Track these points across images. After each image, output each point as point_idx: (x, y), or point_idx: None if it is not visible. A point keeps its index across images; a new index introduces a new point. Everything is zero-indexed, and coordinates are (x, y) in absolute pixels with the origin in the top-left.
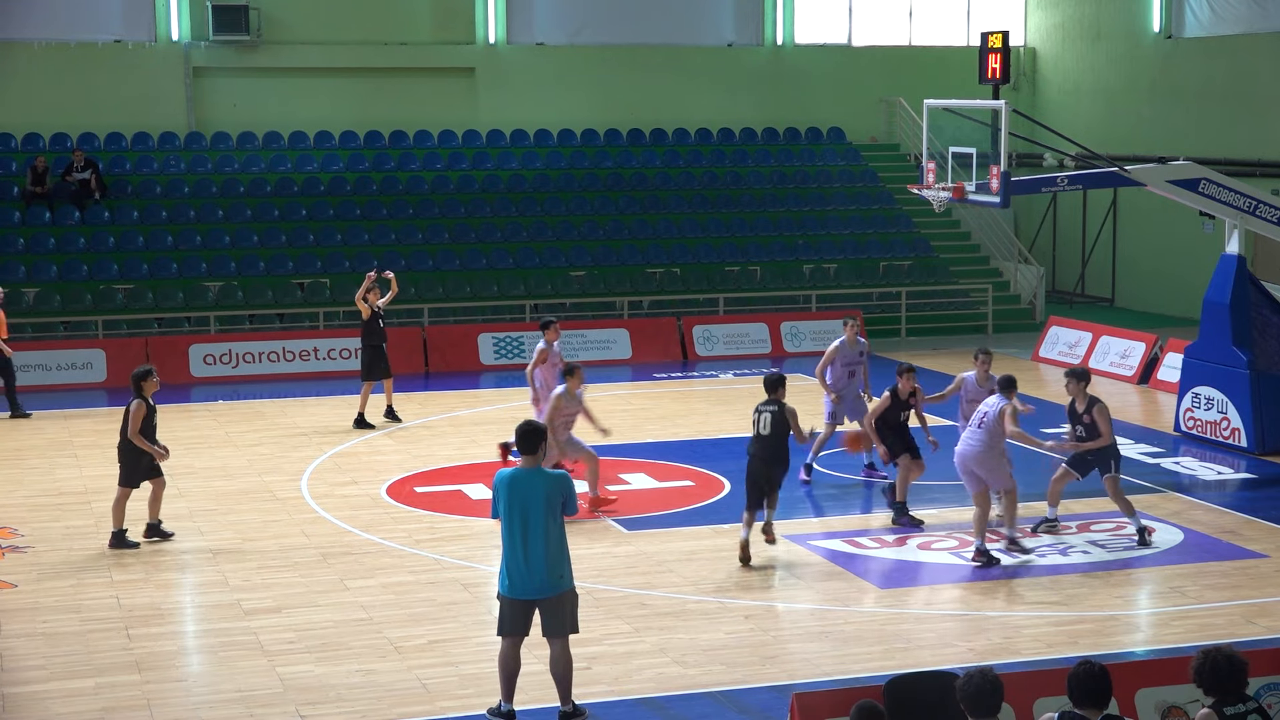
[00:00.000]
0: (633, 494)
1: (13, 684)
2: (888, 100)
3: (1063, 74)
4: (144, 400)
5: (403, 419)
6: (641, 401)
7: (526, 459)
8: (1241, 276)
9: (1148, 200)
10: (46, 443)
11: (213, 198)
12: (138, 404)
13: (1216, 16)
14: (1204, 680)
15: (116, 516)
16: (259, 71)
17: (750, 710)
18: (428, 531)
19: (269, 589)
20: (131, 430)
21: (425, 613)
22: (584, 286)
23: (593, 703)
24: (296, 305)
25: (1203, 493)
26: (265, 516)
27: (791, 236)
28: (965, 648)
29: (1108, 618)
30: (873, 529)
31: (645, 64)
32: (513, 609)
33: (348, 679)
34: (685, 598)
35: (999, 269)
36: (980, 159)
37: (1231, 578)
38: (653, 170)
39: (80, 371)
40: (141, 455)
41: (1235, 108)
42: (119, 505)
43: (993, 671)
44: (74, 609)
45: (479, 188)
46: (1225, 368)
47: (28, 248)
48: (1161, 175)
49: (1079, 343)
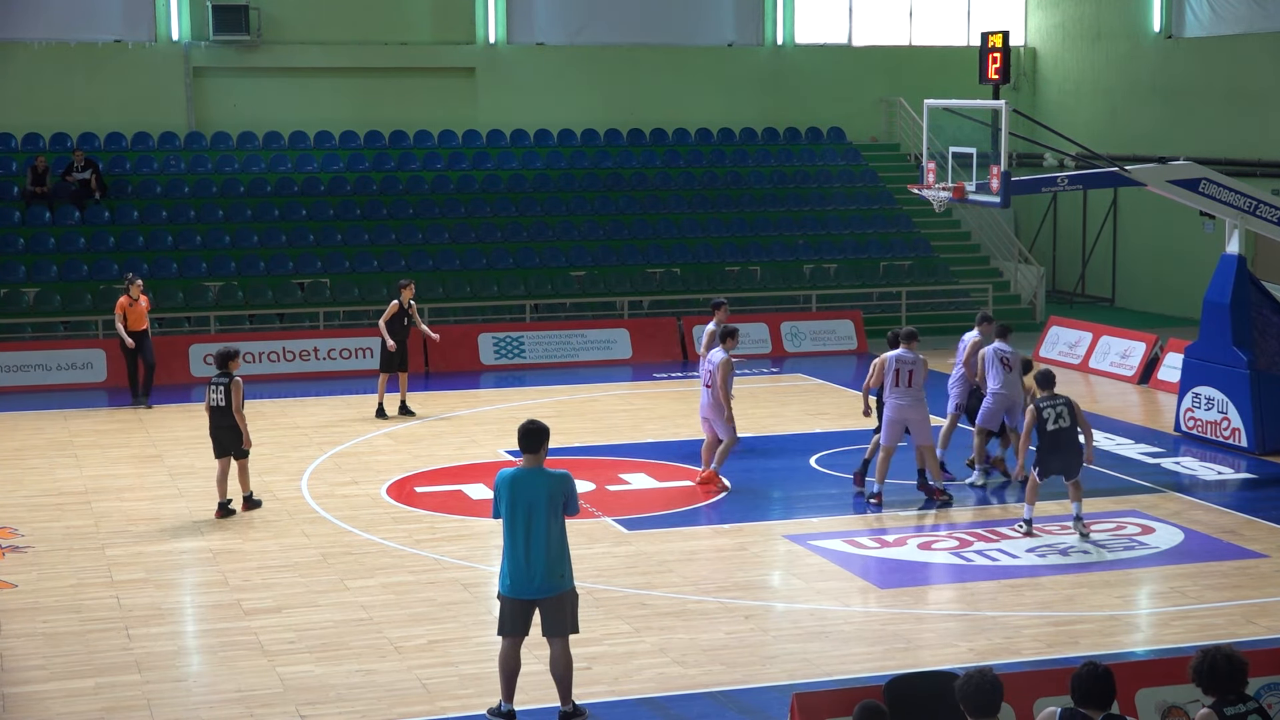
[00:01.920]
0: (633, 494)
1: (13, 684)
2: (888, 100)
3: (1063, 74)
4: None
5: (415, 413)
6: (641, 401)
7: (528, 458)
8: (1241, 276)
9: (1148, 200)
10: (46, 443)
11: (213, 198)
12: (237, 381)
13: (1216, 16)
14: (1204, 680)
15: (244, 483)
16: (259, 71)
17: (750, 710)
18: (428, 531)
19: (269, 589)
20: (238, 404)
21: (425, 613)
22: (584, 286)
23: (593, 703)
24: (296, 305)
25: (1203, 493)
26: (265, 516)
27: (791, 236)
28: (965, 648)
29: (1108, 618)
30: (873, 529)
31: (645, 64)
32: (513, 609)
33: (348, 679)
34: (685, 598)
35: (999, 269)
36: (980, 159)
37: (1231, 578)
38: (653, 170)
39: (80, 371)
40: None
41: (1235, 108)
42: (243, 475)
43: (992, 672)
44: (74, 609)
45: (479, 188)
46: (1225, 368)
47: (28, 248)
48: (1161, 175)
49: (1079, 343)
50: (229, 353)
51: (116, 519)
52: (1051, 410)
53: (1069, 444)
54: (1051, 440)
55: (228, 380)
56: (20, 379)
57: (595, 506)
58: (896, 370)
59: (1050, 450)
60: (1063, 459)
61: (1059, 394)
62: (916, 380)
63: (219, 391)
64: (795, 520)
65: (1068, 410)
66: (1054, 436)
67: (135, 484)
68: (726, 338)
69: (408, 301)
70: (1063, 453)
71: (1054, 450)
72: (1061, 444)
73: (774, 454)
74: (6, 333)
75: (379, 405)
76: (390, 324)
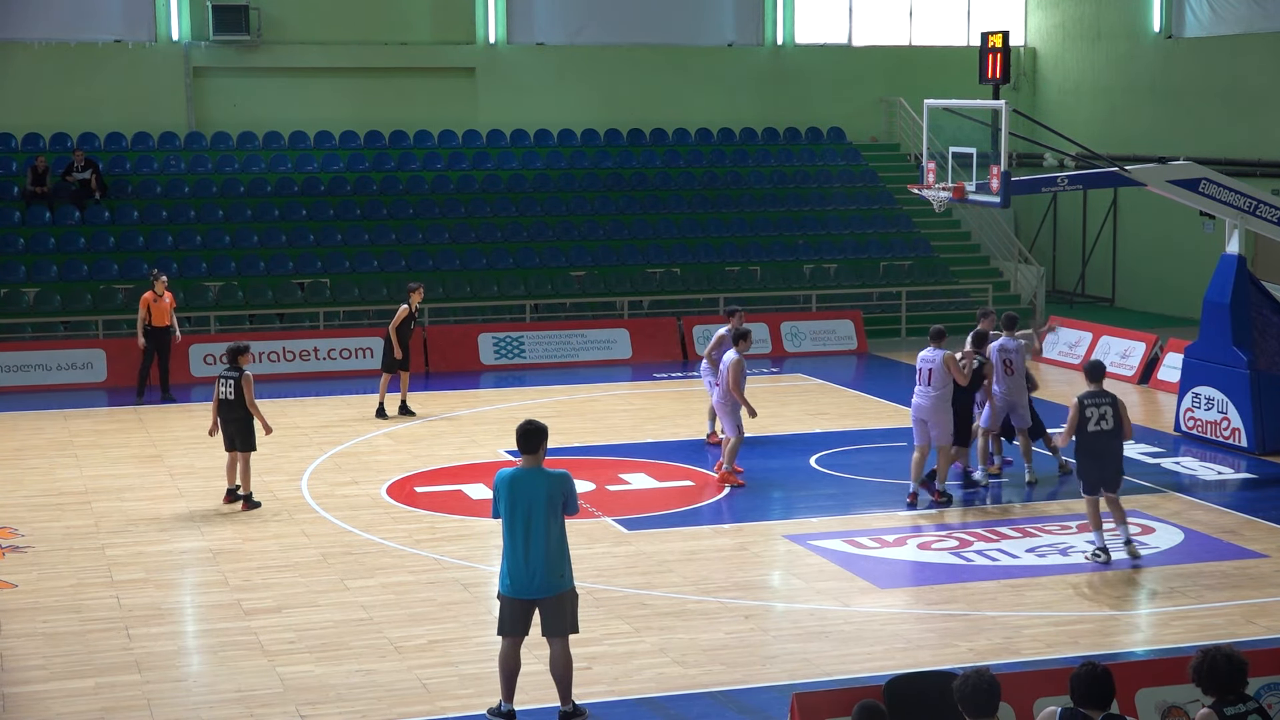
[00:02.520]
0: (633, 494)
1: (13, 684)
2: (888, 100)
3: (1063, 74)
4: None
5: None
6: (641, 401)
7: (527, 458)
8: (1241, 276)
9: (1148, 200)
10: (46, 443)
11: (213, 198)
12: (247, 375)
13: (1216, 16)
14: (1204, 680)
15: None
16: (259, 71)
17: (750, 710)
18: (428, 531)
19: (269, 589)
20: (250, 397)
21: (425, 613)
22: (584, 286)
23: (593, 703)
24: (296, 305)
25: (1203, 493)
26: (265, 516)
27: (791, 236)
28: (965, 648)
29: (1108, 618)
30: (873, 529)
31: (645, 64)
32: (513, 609)
33: (348, 679)
34: (685, 598)
35: (999, 269)
36: (980, 159)
37: (1231, 578)
38: (653, 170)
39: (80, 371)
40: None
41: (1235, 108)
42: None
43: (989, 672)
44: (74, 609)
45: (479, 188)
46: (1225, 368)
47: (28, 248)
48: (1161, 175)
49: (1079, 343)
50: (239, 348)
51: (116, 519)
52: (1095, 410)
53: (1107, 451)
54: (1089, 443)
55: (238, 375)
56: (20, 379)
57: (595, 506)
58: (918, 368)
59: (1088, 454)
60: (1100, 468)
61: (1105, 391)
62: (936, 379)
63: (228, 386)
64: (795, 520)
65: (1112, 411)
66: (1093, 440)
67: (135, 484)
68: (740, 339)
69: (416, 305)
70: (1101, 460)
71: (1091, 455)
72: (1100, 449)
73: (774, 454)
74: (6, 333)
75: (379, 405)
76: (400, 328)
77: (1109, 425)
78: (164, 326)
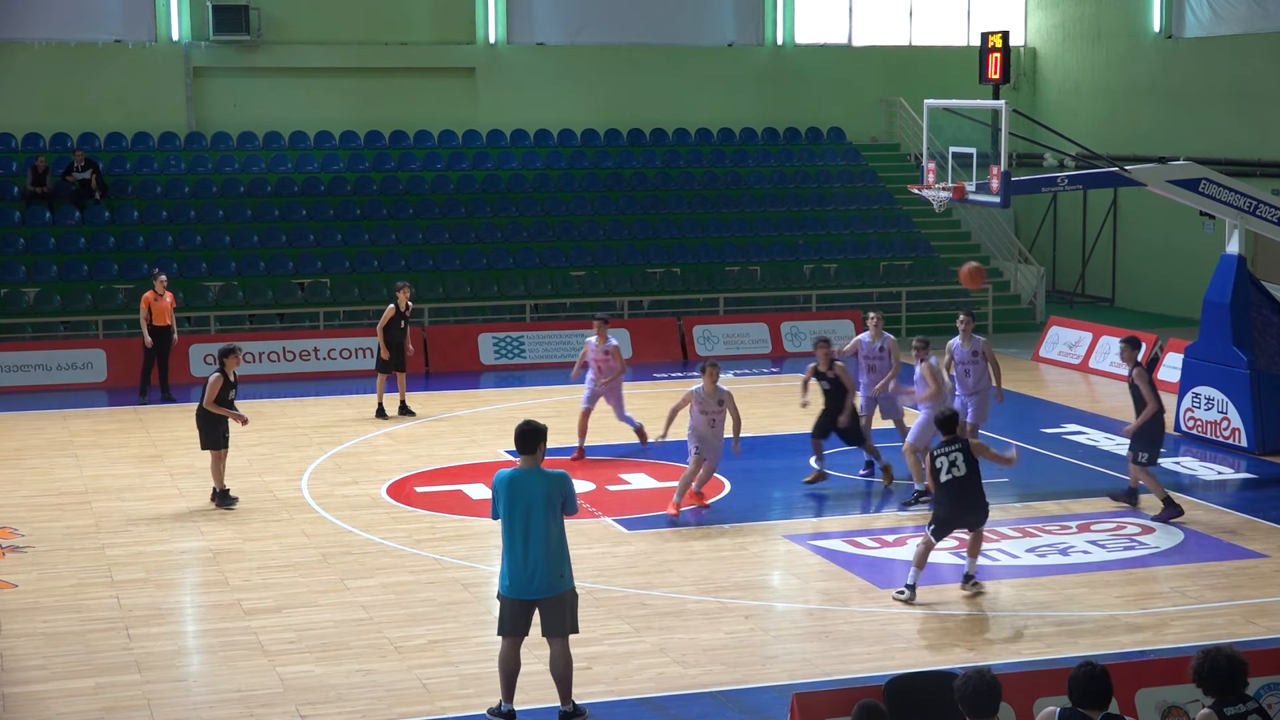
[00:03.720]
0: (633, 494)
1: (13, 684)
2: (888, 100)
3: (1063, 74)
4: (223, 374)
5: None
6: (641, 401)
7: (526, 459)
8: (1241, 276)
9: (1148, 200)
10: (46, 443)
11: (213, 198)
12: (216, 377)
13: (1216, 16)
14: (1204, 680)
15: (216, 477)
16: (259, 71)
17: (750, 710)
18: (428, 531)
19: (269, 589)
20: (207, 400)
21: (425, 613)
22: (584, 286)
23: (593, 703)
24: (296, 305)
25: (1203, 493)
26: (265, 516)
27: (791, 236)
28: (965, 648)
29: (1108, 618)
30: (873, 529)
31: (645, 64)
32: (513, 609)
33: (348, 679)
34: (685, 598)
35: (999, 269)
36: (980, 159)
37: (1231, 578)
38: (653, 170)
39: (80, 371)
40: (218, 422)
41: (1235, 108)
42: (214, 467)
43: (990, 672)
44: (74, 609)
45: (479, 188)
46: (1225, 368)
47: (28, 248)
48: (1161, 175)
49: (1079, 343)
50: (224, 349)
51: (116, 519)
52: (945, 459)
53: (964, 495)
54: (945, 491)
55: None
56: (20, 379)
57: (595, 506)
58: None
59: (948, 500)
60: (959, 512)
61: (956, 438)
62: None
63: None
64: (795, 520)
65: (962, 456)
66: (948, 488)
67: (135, 484)
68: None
69: (404, 304)
70: (960, 505)
71: (951, 501)
72: (956, 495)
73: (774, 454)
74: (6, 333)
75: (379, 405)
76: (387, 328)
77: (961, 471)
78: (164, 326)
